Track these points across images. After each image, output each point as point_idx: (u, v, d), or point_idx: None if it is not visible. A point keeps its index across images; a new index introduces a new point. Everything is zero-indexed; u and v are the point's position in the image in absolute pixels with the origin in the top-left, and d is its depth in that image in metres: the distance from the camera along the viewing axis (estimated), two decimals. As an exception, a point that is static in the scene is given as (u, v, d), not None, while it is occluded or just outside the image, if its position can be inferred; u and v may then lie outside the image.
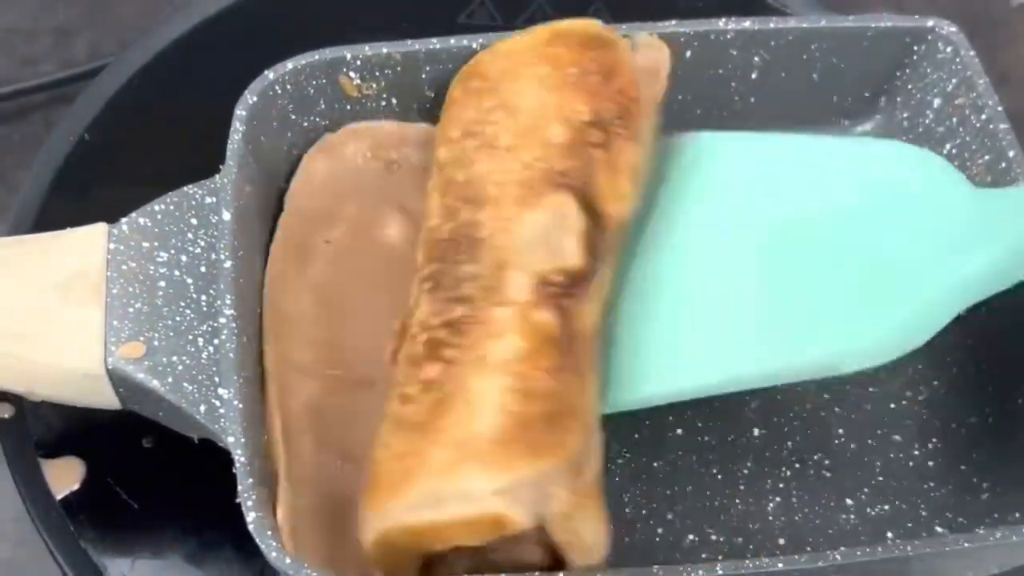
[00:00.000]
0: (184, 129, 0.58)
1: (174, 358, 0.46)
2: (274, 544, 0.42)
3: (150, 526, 0.50)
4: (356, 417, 0.47)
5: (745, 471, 0.49)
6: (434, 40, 0.53)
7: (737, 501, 0.49)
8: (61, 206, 0.56)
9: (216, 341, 0.46)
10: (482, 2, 0.58)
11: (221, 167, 0.49)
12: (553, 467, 0.40)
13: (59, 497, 0.50)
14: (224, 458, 0.44)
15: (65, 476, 0.50)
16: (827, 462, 0.49)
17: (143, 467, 0.51)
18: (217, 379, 0.45)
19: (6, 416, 0.51)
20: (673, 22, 0.53)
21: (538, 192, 0.45)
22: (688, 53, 0.54)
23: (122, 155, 0.58)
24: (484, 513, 0.39)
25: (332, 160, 0.53)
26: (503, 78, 0.49)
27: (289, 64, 0.52)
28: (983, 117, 0.52)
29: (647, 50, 0.50)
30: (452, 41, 0.53)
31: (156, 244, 0.48)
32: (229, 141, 0.49)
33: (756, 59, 0.55)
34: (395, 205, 0.52)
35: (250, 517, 0.42)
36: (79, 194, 0.57)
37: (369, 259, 0.51)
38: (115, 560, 0.49)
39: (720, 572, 0.42)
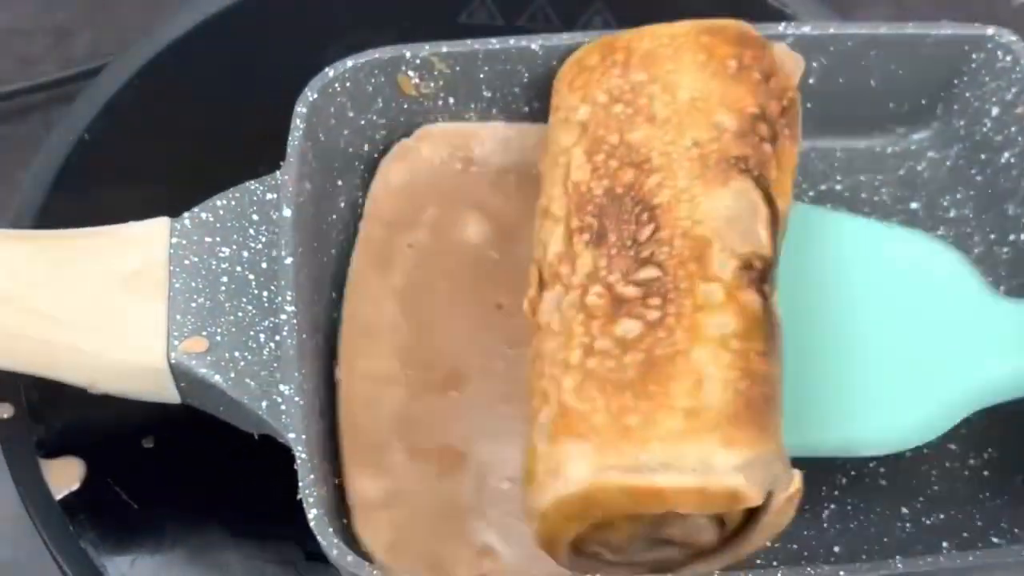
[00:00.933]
0: (183, 129, 0.59)
1: (236, 353, 0.46)
2: (335, 541, 0.42)
3: (150, 526, 0.50)
4: (449, 416, 0.48)
5: (800, 477, 0.49)
6: (493, 40, 0.53)
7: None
8: (61, 206, 0.56)
9: (277, 337, 0.46)
10: (482, 1, 0.58)
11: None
12: (774, 448, 0.40)
13: (59, 497, 0.50)
14: (224, 459, 0.44)
15: (65, 476, 0.50)
16: (882, 470, 0.49)
17: (143, 467, 0.51)
18: (278, 375, 0.45)
19: (6, 416, 0.51)
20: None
21: (720, 173, 0.45)
22: (747, 57, 0.54)
23: (122, 155, 0.58)
24: (723, 486, 0.39)
25: (408, 163, 0.54)
26: (654, 56, 0.49)
27: (349, 62, 0.52)
28: (1043, 126, 0.52)
29: (784, 58, 0.50)
30: (511, 42, 0.53)
31: (218, 239, 0.48)
32: (290, 138, 0.49)
33: (815, 64, 0.54)
34: (473, 204, 0.52)
35: (311, 514, 0.42)
36: (79, 194, 0.57)
37: (451, 259, 0.51)
38: (115, 560, 0.49)
39: (781, 578, 0.42)
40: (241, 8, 0.63)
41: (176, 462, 0.50)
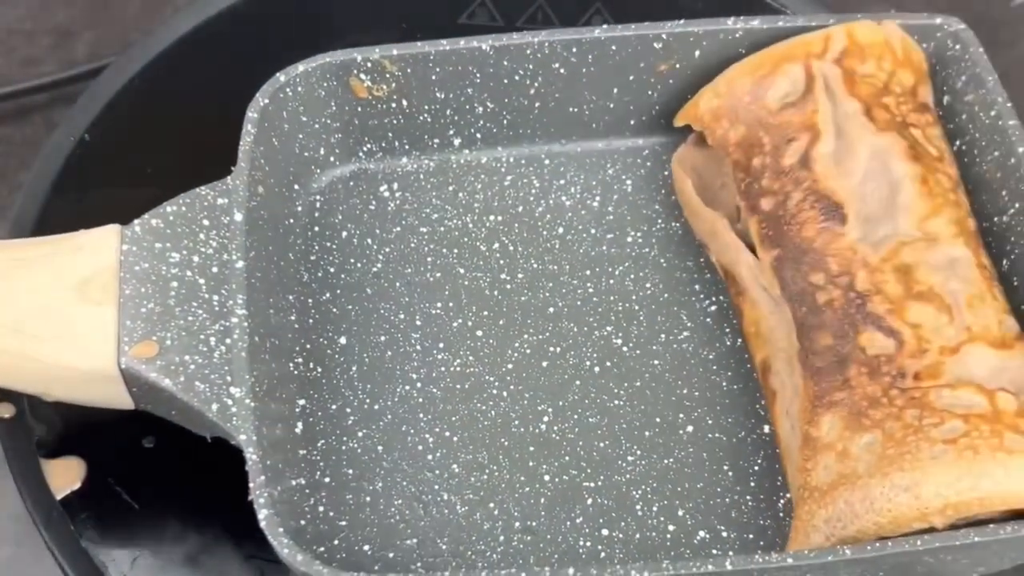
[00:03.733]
0: (184, 129, 0.59)
1: (186, 357, 0.46)
2: (286, 541, 0.42)
3: (150, 526, 0.50)
4: None
5: (756, 468, 0.49)
6: (443, 42, 0.53)
7: (748, 498, 0.49)
8: (62, 206, 0.56)
9: (228, 340, 0.46)
10: (482, 2, 0.58)
11: (232, 168, 0.49)
12: None
13: (60, 497, 0.50)
14: (224, 458, 0.44)
15: (66, 476, 0.50)
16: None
17: (143, 467, 0.51)
18: (229, 378, 0.46)
19: (7, 416, 0.51)
20: (682, 22, 0.54)
21: None
22: (697, 52, 0.54)
23: (122, 155, 0.58)
24: None
25: None
26: None
27: (300, 67, 0.52)
28: (992, 113, 0.52)
29: None
30: (462, 43, 0.53)
31: (168, 245, 0.48)
32: (241, 143, 0.50)
33: (766, 59, 0.55)
34: None
35: (262, 514, 0.43)
36: (80, 194, 0.57)
37: None
38: (115, 560, 0.49)
39: (729, 567, 0.42)
40: (241, 9, 0.63)
41: (176, 462, 0.51)
